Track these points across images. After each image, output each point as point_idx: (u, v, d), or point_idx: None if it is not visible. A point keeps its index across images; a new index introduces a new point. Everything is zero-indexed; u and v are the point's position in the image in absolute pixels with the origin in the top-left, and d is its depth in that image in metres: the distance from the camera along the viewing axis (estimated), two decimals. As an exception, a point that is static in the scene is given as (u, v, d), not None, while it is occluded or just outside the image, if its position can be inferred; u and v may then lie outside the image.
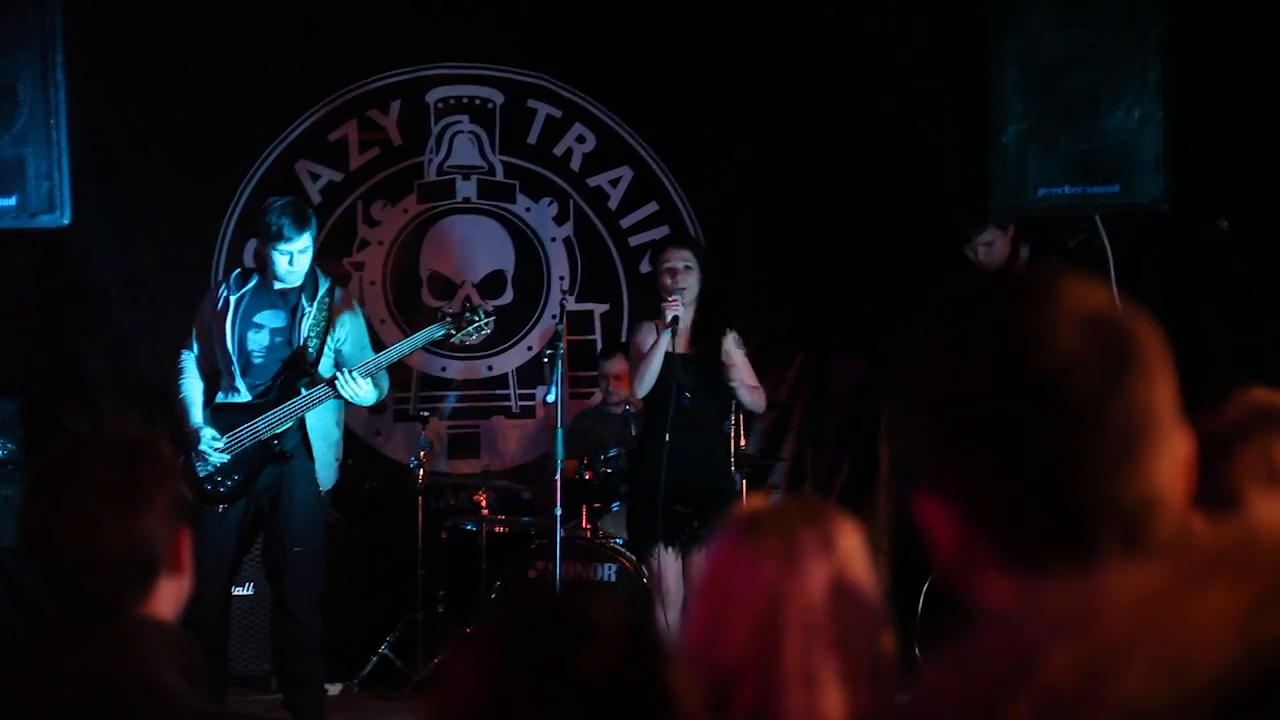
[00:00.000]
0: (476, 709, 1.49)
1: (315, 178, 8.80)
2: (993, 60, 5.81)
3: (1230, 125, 6.87)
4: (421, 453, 7.94)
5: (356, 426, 8.73)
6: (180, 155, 8.58)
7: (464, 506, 8.29)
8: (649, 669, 1.51)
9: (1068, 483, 1.34)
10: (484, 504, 7.91)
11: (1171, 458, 1.39)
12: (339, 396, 6.43)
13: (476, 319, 6.75)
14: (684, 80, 8.65)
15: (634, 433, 7.62)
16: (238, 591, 7.43)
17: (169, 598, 2.35)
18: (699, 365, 6.69)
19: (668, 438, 6.52)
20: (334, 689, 7.28)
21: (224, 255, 8.64)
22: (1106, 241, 5.89)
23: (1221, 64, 6.80)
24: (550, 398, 6.72)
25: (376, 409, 8.70)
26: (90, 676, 2.23)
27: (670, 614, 6.39)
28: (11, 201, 6.04)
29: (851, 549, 2.07)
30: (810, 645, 2.00)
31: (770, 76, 8.58)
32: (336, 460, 6.66)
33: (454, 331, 6.76)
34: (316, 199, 8.77)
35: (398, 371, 8.72)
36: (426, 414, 8.30)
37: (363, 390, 6.42)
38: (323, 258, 8.64)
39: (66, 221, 6.09)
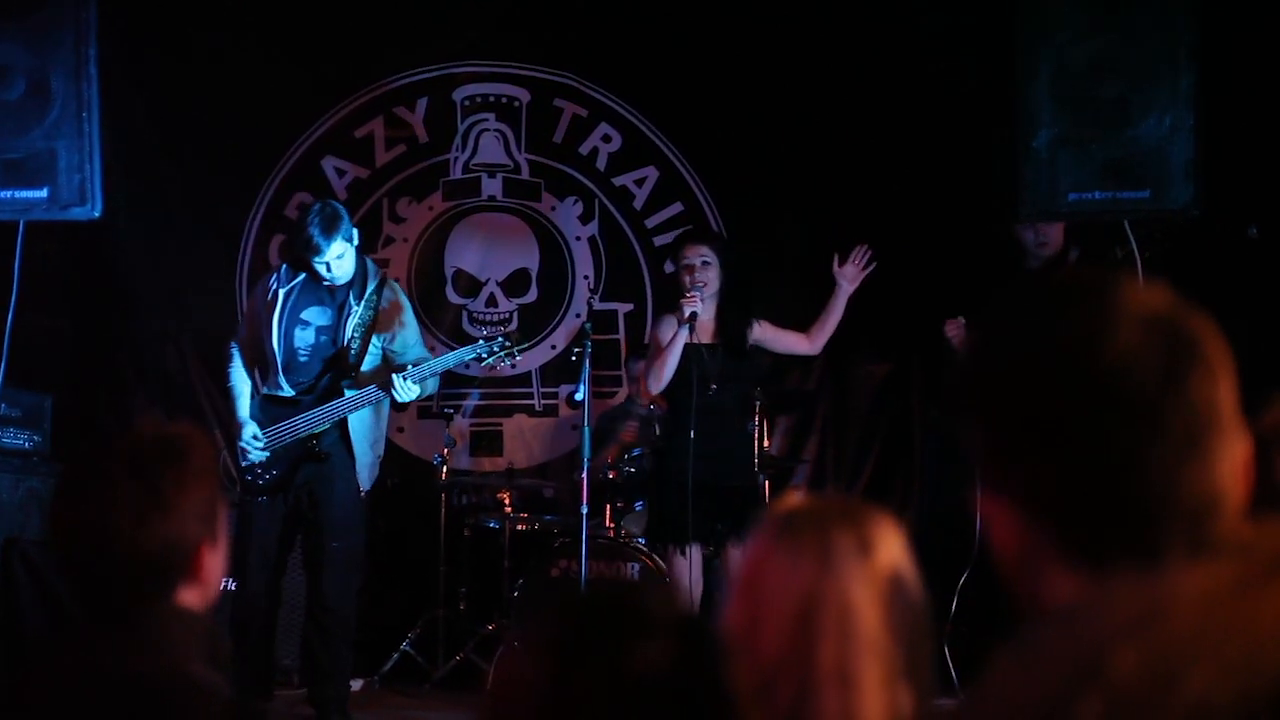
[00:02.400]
0: (534, 702, 1.50)
1: (341, 174, 8.83)
2: (1024, 66, 5.79)
3: (1261, 133, 6.86)
4: (445, 450, 7.95)
5: (380, 423, 8.76)
6: (207, 150, 8.61)
7: (486, 504, 8.31)
8: (704, 663, 1.51)
9: (1131, 481, 1.35)
10: (507, 502, 7.92)
11: (1232, 457, 1.39)
12: (390, 397, 6.49)
13: (512, 353, 6.77)
14: (710, 81, 8.65)
15: (658, 432, 7.62)
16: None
17: (194, 597, 2.35)
18: (723, 357, 6.69)
19: (693, 434, 6.52)
20: (355, 684, 7.28)
21: (249, 250, 8.67)
22: (1135, 246, 5.88)
23: (1252, 72, 6.79)
24: (579, 396, 6.73)
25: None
26: (119, 671, 2.23)
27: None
28: (43, 194, 6.05)
29: (891, 550, 2.04)
30: (846, 647, 1.98)
31: (797, 77, 8.57)
32: (377, 458, 6.69)
33: (485, 356, 6.79)
34: (342, 195, 8.78)
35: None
36: (450, 411, 8.31)
37: (412, 394, 6.50)
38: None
39: (98, 214, 6.10)
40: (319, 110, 8.79)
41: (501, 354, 6.74)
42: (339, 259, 6.42)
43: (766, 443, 7.73)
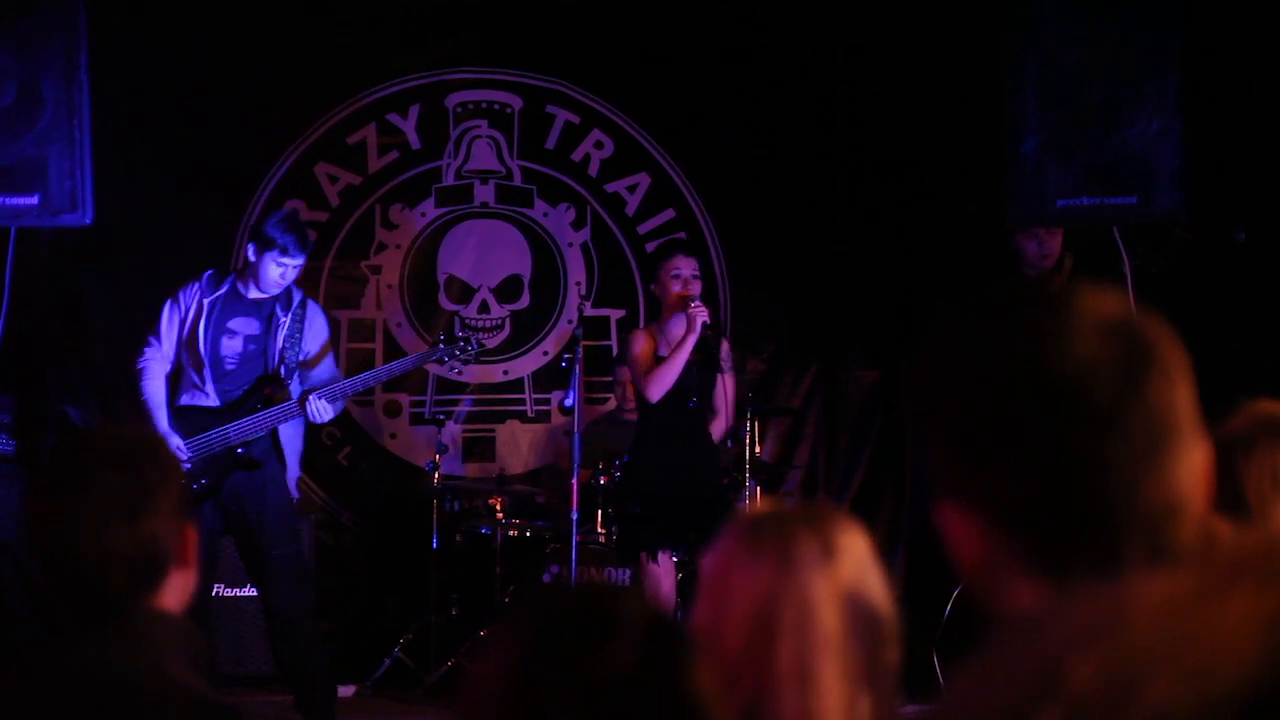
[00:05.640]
0: (500, 705, 1.51)
1: (334, 180, 8.83)
2: (1011, 72, 5.80)
3: (1248, 137, 6.87)
4: (436, 456, 7.95)
5: (372, 429, 8.77)
6: (199, 156, 8.59)
7: (478, 510, 8.30)
8: (672, 667, 1.51)
9: (1090, 488, 1.35)
10: (498, 508, 7.92)
11: (1191, 464, 1.40)
12: (303, 416, 6.47)
13: (468, 348, 6.78)
14: (702, 87, 8.67)
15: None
16: (249, 593, 7.44)
17: (176, 590, 2.38)
18: (700, 371, 6.72)
19: (668, 447, 6.55)
20: (346, 691, 7.29)
21: (240, 258, 8.65)
22: (1124, 251, 5.89)
23: (1239, 76, 6.81)
24: (569, 402, 6.74)
25: (392, 411, 8.74)
26: (101, 671, 2.26)
27: None
28: (34, 200, 6.05)
29: (853, 554, 2.08)
30: (804, 646, 2.02)
31: (789, 83, 8.59)
32: (298, 474, 6.74)
33: (445, 360, 6.80)
34: (335, 202, 8.79)
35: (414, 375, 8.76)
36: (442, 417, 8.31)
37: (327, 414, 6.48)
38: (340, 260, 8.75)
39: (89, 221, 6.10)
40: (311, 117, 8.79)
41: (461, 359, 6.77)
42: (295, 269, 6.47)
43: (759, 448, 7.75)
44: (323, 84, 8.77)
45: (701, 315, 6.58)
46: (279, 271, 6.42)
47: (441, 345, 6.82)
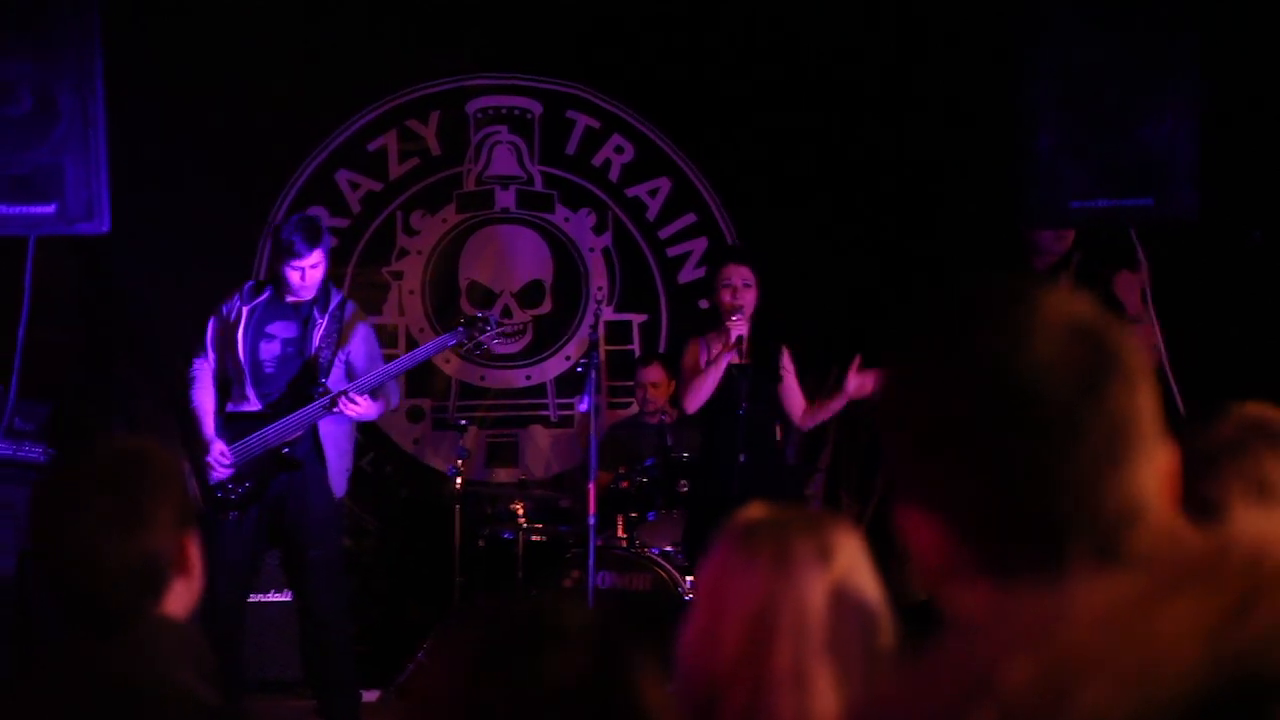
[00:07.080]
0: (447, 714, 1.50)
1: (355, 187, 8.85)
2: (1024, 72, 5.76)
3: (1265, 138, 6.82)
4: (459, 461, 7.95)
5: (395, 434, 8.77)
6: (220, 165, 8.62)
7: (501, 515, 8.29)
8: (619, 676, 1.51)
9: (1044, 491, 1.34)
10: (521, 513, 7.91)
11: (1153, 468, 1.38)
12: (331, 413, 6.46)
13: (488, 327, 6.79)
14: (722, 91, 8.66)
15: (669, 442, 7.61)
16: (273, 598, 7.47)
17: (180, 598, 2.38)
18: (755, 377, 6.69)
19: (742, 458, 6.51)
20: (370, 695, 7.29)
21: (263, 265, 8.68)
22: (1141, 253, 5.84)
23: (1256, 76, 6.76)
24: (584, 407, 6.74)
25: (415, 416, 8.75)
26: (104, 679, 2.27)
27: None
28: (51, 209, 6.06)
29: (849, 558, 2.09)
30: (802, 649, 2.03)
31: (808, 87, 8.57)
32: (348, 469, 6.70)
33: (465, 341, 6.80)
34: (356, 209, 8.81)
35: (437, 380, 8.77)
36: (465, 422, 8.31)
37: (362, 407, 6.46)
38: (361, 267, 8.77)
39: (105, 229, 6.10)
40: (332, 124, 8.81)
41: (480, 339, 6.76)
42: (313, 267, 6.47)
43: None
44: (343, 91, 8.79)
45: (737, 329, 6.58)
46: (296, 274, 6.46)
47: (461, 328, 6.81)
